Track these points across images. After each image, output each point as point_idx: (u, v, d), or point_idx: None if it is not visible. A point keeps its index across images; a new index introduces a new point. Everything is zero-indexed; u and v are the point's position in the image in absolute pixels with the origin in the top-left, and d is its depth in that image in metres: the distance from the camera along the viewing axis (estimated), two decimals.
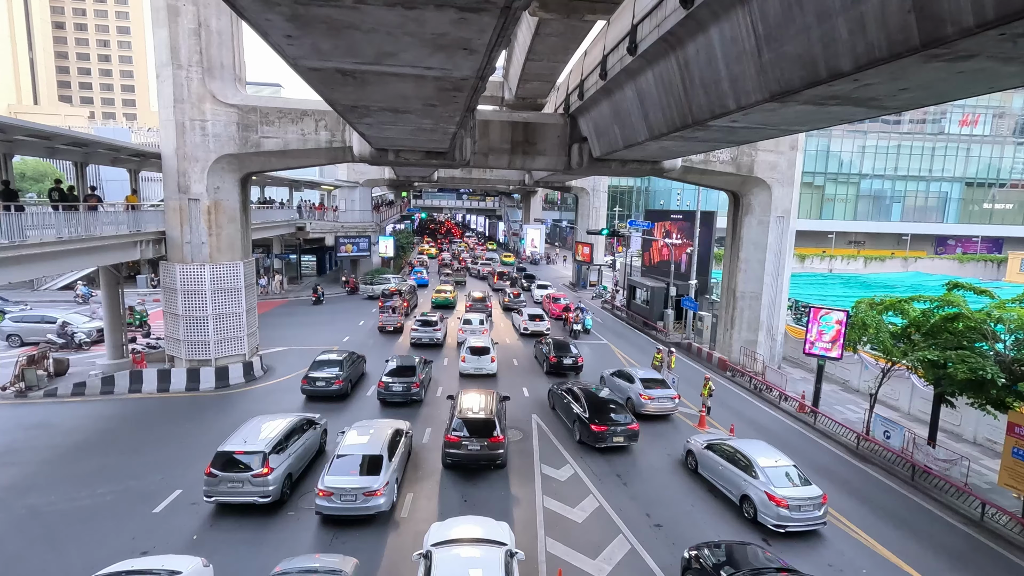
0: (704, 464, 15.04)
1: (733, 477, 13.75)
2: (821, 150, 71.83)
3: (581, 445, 16.97)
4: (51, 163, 46.49)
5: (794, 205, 25.99)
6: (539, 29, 24.01)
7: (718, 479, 14.41)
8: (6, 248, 14.31)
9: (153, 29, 20.40)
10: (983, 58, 7.14)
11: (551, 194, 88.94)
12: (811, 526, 12.57)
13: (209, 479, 12.36)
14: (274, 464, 12.76)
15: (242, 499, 12.46)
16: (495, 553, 8.97)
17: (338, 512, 12.08)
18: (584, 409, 17.08)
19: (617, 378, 21.07)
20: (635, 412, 18.73)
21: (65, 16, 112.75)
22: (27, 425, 17.66)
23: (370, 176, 51.44)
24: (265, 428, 13.83)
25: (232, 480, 12.34)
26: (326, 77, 9.44)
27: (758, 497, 12.76)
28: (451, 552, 8.99)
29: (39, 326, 27.35)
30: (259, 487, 12.41)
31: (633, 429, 16.56)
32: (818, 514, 12.49)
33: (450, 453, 14.62)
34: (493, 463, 14.74)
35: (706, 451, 15.07)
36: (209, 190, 21.12)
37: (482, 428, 14.71)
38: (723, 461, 14.26)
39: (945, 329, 15.84)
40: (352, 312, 37.02)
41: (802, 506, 12.37)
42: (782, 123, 12.72)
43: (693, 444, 15.75)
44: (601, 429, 16.25)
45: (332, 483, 12.03)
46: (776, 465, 13.32)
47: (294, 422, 14.56)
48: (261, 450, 12.71)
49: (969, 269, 68.06)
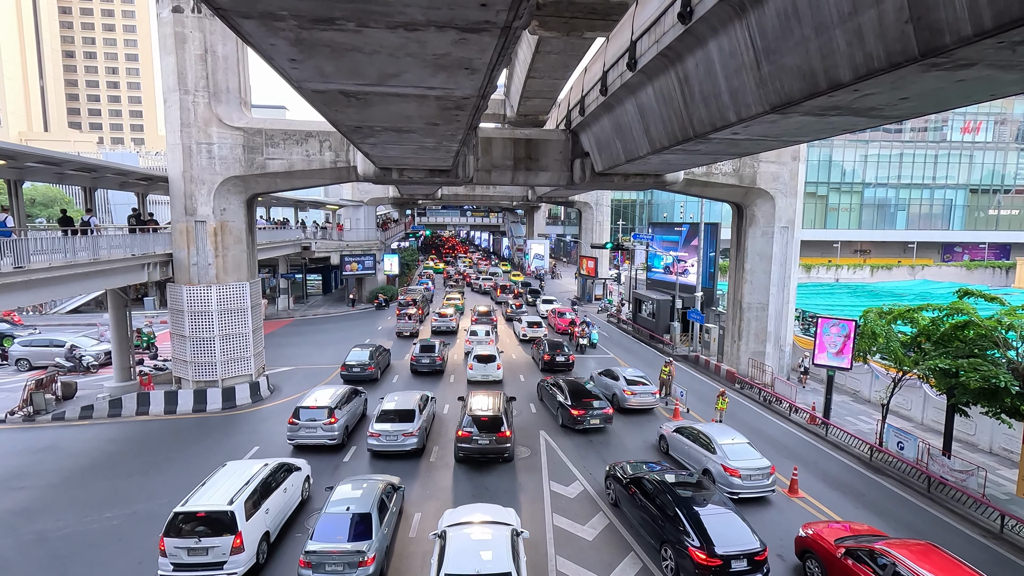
0: (674, 446, 17.08)
1: (696, 454, 15.71)
2: (824, 160, 71.93)
3: (564, 429, 19.23)
4: (61, 188, 47.21)
5: (798, 215, 25.96)
6: (539, 47, 24.30)
7: (684, 457, 16.37)
8: (19, 272, 14.47)
9: (161, 56, 20.80)
10: (983, 66, 7.16)
11: (554, 209, 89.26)
12: (761, 493, 14.49)
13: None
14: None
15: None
16: (502, 531, 10.01)
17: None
18: (566, 397, 19.38)
19: (604, 377, 23.09)
20: (619, 406, 21.22)
21: (75, 45, 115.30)
22: (35, 449, 17.66)
23: (374, 195, 51.87)
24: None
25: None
26: (330, 99, 9.57)
27: (716, 469, 14.72)
28: (463, 531, 10.02)
29: (47, 350, 27.49)
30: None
31: (607, 413, 18.94)
32: (767, 482, 14.48)
33: (462, 447, 16.07)
34: (501, 456, 16.22)
35: (675, 434, 17.12)
36: (215, 212, 21.33)
37: (490, 424, 16.11)
38: (688, 442, 16.25)
39: (956, 337, 15.67)
40: (363, 325, 37.07)
41: (752, 475, 14.35)
42: (783, 134, 12.76)
43: (664, 429, 17.85)
44: (580, 413, 18.65)
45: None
46: (733, 443, 15.26)
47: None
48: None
49: (977, 276, 67.59)
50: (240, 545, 10.43)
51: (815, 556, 11.04)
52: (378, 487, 11.99)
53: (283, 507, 12.59)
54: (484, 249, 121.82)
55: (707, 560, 10.34)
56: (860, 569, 9.97)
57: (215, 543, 10.33)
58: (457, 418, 18.71)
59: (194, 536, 10.35)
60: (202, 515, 10.53)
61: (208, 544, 10.32)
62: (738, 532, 10.85)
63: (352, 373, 24.16)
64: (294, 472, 13.64)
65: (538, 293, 49.39)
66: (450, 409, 21.33)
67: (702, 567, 10.34)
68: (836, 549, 10.63)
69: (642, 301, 38.09)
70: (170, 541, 10.30)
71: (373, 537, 10.51)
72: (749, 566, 10.47)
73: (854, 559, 10.20)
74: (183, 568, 10.34)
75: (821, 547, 10.97)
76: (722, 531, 10.77)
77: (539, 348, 28.35)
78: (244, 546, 10.50)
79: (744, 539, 10.73)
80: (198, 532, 10.39)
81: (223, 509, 10.60)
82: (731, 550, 10.45)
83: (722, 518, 11.17)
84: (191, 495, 11.19)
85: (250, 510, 11.05)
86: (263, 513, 11.49)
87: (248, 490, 11.33)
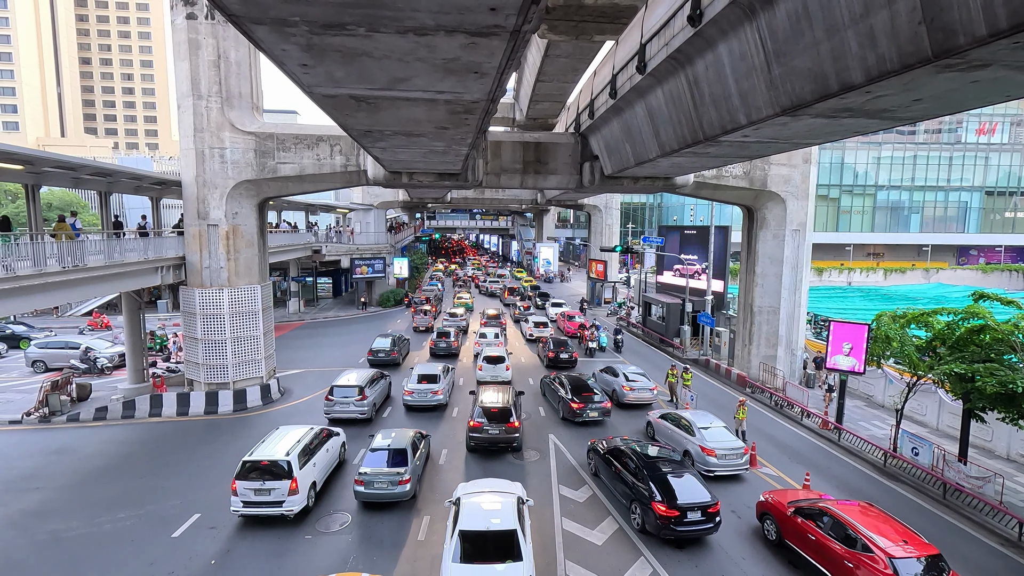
0: (659, 430, 18.52)
1: (678, 437, 17.18)
2: (835, 162, 71.21)
3: (565, 422, 20.26)
4: (77, 193, 47.92)
5: (809, 218, 25.75)
6: (549, 51, 24.34)
7: (668, 441, 17.68)
8: (37, 276, 14.70)
9: (175, 62, 21.08)
10: (998, 67, 7.07)
11: (564, 212, 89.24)
12: (735, 471, 16.00)
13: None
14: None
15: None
16: (509, 499, 11.38)
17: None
18: (567, 392, 20.45)
19: (605, 374, 24.03)
20: (619, 401, 22.31)
21: (91, 52, 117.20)
22: (50, 450, 17.90)
23: (384, 198, 52.12)
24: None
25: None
26: (340, 103, 9.64)
27: (694, 450, 16.26)
28: (475, 499, 11.40)
29: (63, 351, 27.89)
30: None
31: (606, 407, 20.01)
32: (740, 462, 16.03)
33: (473, 437, 17.01)
34: (510, 445, 17.11)
35: (660, 420, 18.56)
36: (227, 215, 21.55)
37: (500, 416, 17.01)
38: (671, 426, 17.72)
39: (972, 341, 15.44)
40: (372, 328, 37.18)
41: (727, 455, 15.90)
42: (794, 137, 12.67)
43: (651, 416, 19.29)
44: (579, 406, 19.72)
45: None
46: (710, 427, 16.73)
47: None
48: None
49: (993, 279, 66.49)
50: (295, 488, 12.84)
51: (771, 516, 12.82)
52: (410, 434, 15.21)
53: (326, 464, 15.08)
54: (493, 252, 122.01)
55: (667, 511, 12.17)
56: (806, 524, 11.76)
57: (276, 486, 12.73)
58: (469, 409, 19.67)
59: (259, 479, 12.75)
60: (265, 463, 12.94)
61: (271, 486, 12.72)
62: (694, 489, 12.64)
63: (377, 358, 27.24)
64: (334, 436, 16.20)
65: (547, 296, 49.35)
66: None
67: (663, 517, 12.17)
68: (787, 509, 12.42)
69: (652, 304, 37.91)
70: (241, 483, 12.69)
71: (408, 465, 13.82)
72: (703, 517, 12.24)
73: (802, 516, 12.00)
74: (251, 505, 12.76)
75: (775, 508, 12.75)
76: (681, 488, 12.60)
77: (544, 346, 29.51)
78: (299, 489, 12.92)
79: (699, 494, 12.49)
80: (263, 477, 12.79)
81: (282, 459, 13.02)
82: (687, 501, 12.26)
83: (680, 478, 12.96)
84: (254, 449, 13.57)
85: (302, 461, 13.46)
86: (311, 466, 13.90)
87: (300, 446, 13.73)
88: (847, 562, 10.51)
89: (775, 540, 12.54)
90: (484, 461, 16.84)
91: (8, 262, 14.24)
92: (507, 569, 9.80)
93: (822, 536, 11.25)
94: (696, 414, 18.00)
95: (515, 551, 10.10)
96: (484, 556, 9.98)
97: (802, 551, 11.70)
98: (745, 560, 12.12)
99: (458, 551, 10.04)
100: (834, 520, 11.22)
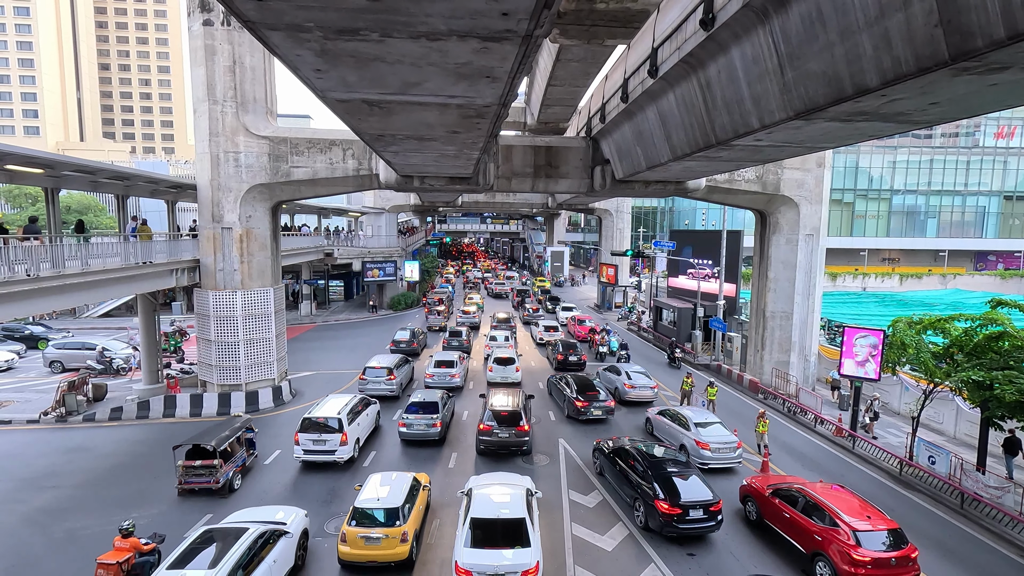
0: (657, 426, 19.27)
1: (675, 432, 17.98)
2: (849, 166, 70.45)
3: (570, 420, 20.99)
4: (95, 196, 48.71)
5: (823, 223, 25.48)
6: (560, 55, 24.36)
7: (665, 436, 18.62)
8: (56, 277, 14.97)
9: (191, 68, 21.40)
10: (1017, 70, 6.97)
11: (575, 216, 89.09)
12: (728, 464, 16.77)
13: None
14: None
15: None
16: (519, 491, 12.09)
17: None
18: (572, 391, 21.17)
19: (609, 372, 24.95)
20: (621, 399, 23.13)
21: (110, 58, 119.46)
22: (66, 449, 18.17)
23: (396, 202, 52.38)
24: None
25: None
26: (353, 108, 9.72)
27: (690, 444, 17.01)
28: (486, 491, 12.13)
29: (80, 352, 28.33)
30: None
31: (609, 405, 20.71)
32: (733, 455, 16.75)
33: (483, 440, 17.21)
34: (520, 448, 17.27)
35: (658, 416, 19.28)
36: (241, 219, 21.79)
37: (510, 419, 17.22)
38: (668, 422, 18.54)
39: (990, 348, 15.18)
40: (383, 331, 37.37)
41: (720, 449, 16.65)
42: (808, 140, 12.57)
43: (650, 413, 20.01)
44: (583, 404, 20.48)
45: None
46: (705, 422, 17.46)
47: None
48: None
49: (1012, 285, 65.28)
50: (345, 441, 16.12)
51: (752, 499, 13.94)
52: (439, 392, 19.34)
53: (366, 425, 18.36)
54: (503, 254, 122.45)
55: (669, 509, 12.49)
56: (783, 504, 12.87)
57: (329, 438, 16.06)
58: (479, 406, 20.31)
59: (316, 433, 16.07)
60: (320, 420, 16.25)
61: (326, 438, 16.05)
62: (696, 488, 12.93)
63: (399, 348, 30.38)
64: (372, 404, 19.37)
65: (557, 300, 49.28)
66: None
67: (665, 515, 12.49)
68: (766, 491, 13.54)
69: (663, 308, 37.68)
70: (302, 435, 16.11)
71: (439, 413, 18.12)
72: (705, 515, 12.57)
73: (779, 497, 13.13)
74: (310, 453, 16.13)
75: (756, 491, 13.85)
76: (683, 487, 12.89)
77: (553, 349, 30.31)
78: (348, 442, 16.19)
79: (701, 493, 12.81)
80: (319, 430, 16.09)
81: (334, 416, 16.37)
82: (689, 499, 12.59)
83: (684, 477, 13.25)
84: (311, 409, 17.03)
85: (349, 419, 16.70)
86: (356, 425, 17.12)
87: (347, 409, 17.00)
88: (816, 536, 11.69)
89: (755, 520, 13.71)
90: (494, 464, 16.84)
91: (28, 265, 14.51)
92: (515, 554, 10.49)
93: (795, 514, 12.43)
94: (692, 410, 18.66)
95: (523, 538, 10.77)
96: (494, 542, 10.68)
97: (779, 528, 12.89)
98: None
99: (470, 537, 10.74)
100: (806, 499, 12.37)
